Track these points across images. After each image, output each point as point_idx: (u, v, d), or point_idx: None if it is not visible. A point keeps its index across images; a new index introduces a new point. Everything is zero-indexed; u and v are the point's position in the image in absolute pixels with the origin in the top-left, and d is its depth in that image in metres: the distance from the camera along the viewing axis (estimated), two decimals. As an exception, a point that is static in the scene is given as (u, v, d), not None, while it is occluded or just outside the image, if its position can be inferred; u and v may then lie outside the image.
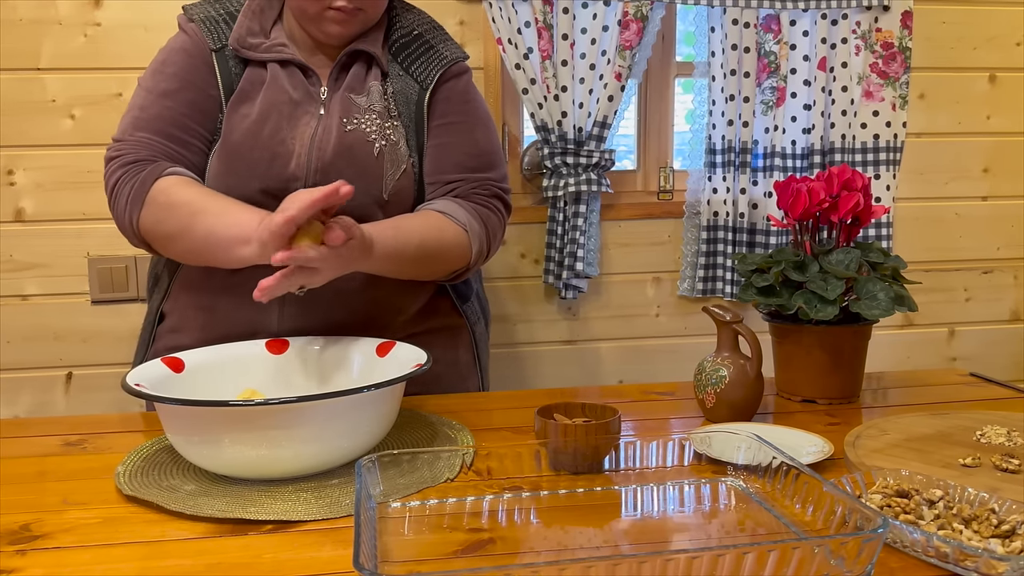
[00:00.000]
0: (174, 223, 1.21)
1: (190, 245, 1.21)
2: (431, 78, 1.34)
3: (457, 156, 1.35)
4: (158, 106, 1.28)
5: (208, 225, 1.17)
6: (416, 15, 1.40)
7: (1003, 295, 2.39)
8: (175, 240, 1.23)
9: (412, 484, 0.94)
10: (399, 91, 1.33)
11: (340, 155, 1.26)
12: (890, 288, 1.20)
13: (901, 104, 2.18)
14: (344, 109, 1.29)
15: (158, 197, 1.21)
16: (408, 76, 1.34)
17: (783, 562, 0.68)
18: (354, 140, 1.28)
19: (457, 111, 1.36)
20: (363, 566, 0.65)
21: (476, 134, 1.37)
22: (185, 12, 1.34)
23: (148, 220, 1.23)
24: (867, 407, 1.25)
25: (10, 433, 1.18)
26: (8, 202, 1.98)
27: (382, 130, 1.29)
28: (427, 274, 1.32)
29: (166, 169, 1.23)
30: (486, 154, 1.38)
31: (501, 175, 1.39)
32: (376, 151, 1.28)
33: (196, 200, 1.20)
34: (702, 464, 0.98)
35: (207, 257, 1.21)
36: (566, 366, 2.24)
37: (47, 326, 2.03)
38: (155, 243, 1.26)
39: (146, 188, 1.22)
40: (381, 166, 1.28)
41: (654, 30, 2.08)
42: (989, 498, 0.82)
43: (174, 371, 1.09)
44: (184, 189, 1.22)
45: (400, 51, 1.35)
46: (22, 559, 0.81)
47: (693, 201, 2.21)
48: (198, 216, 1.18)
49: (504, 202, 1.39)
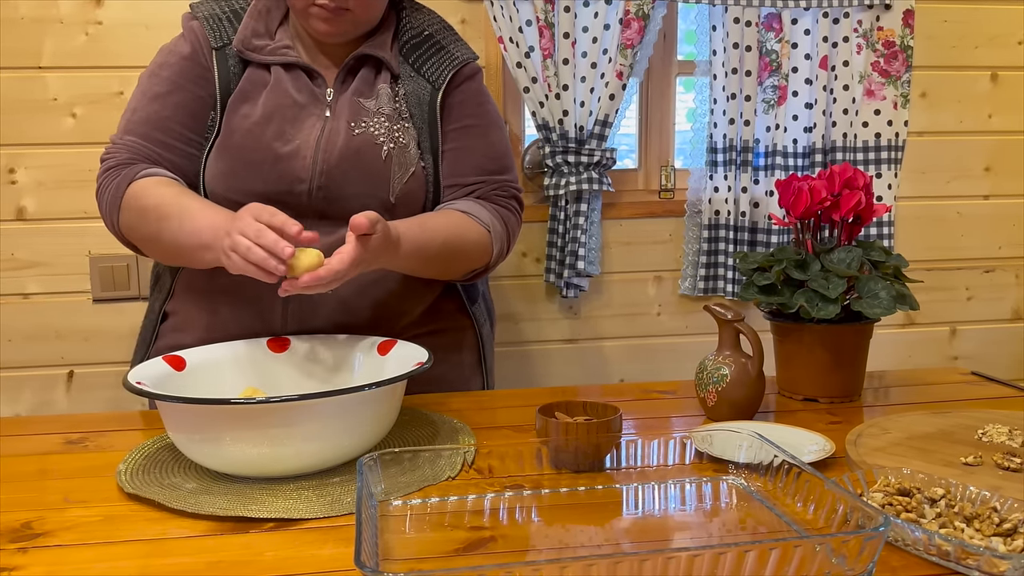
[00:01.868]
0: (146, 228, 1.23)
1: (164, 249, 1.24)
2: (443, 78, 1.33)
3: (476, 159, 1.35)
4: (147, 109, 1.29)
5: (172, 232, 1.19)
6: (426, 15, 1.40)
7: (1005, 294, 2.39)
8: (151, 243, 1.25)
9: (413, 482, 0.94)
10: (411, 92, 1.33)
11: (347, 158, 1.26)
12: (892, 287, 1.20)
13: (903, 103, 2.18)
14: (352, 112, 1.29)
15: (131, 201, 1.23)
16: (420, 77, 1.34)
17: (784, 560, 0.68)
18: (362, 143, 1.27)
19: (473, 114, 1.36)
20: (364, 564, 0.65)
21: (492, 137, 1.38)
22: (191, 9, 1.34)
23: (125, 224, 1.26)
24: (868, 406, 1.25)
25: (11, 431, 1.18)
26: (9, 201, 1.98)
27: (391, 133, 1.29)
28: (448, 273, 1.33)
29: (140, 172, 1.25)
30: (502, 157, 1.39)
31: (515, 176, 1.41)
32: (384, 154, 1.28)
33: (162, 204, 1.20)
34: (703, 463, 0.97)
35: (182, 261, 1.25)
36: (567, 365, 2.24)
37: (48, 325, 2.03)
38: (138, 245, 1.29)
39: (121, 192, 1.24)
40: (388, 169, 1.28)
41: (655, 28, 2.08)
42: (991, 497, 0.82)
43: (175, 369, 1.09)
44: (154, 190, 1.22)
45: (411, 52, 1.35)
46: (23, 557, 0.81)
47: (694, 200, 2.21)
48: (163, 222, 1.20)
49: (520, 202, 1.41)
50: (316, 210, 1.26)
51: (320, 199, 1.26)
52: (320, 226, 1.23)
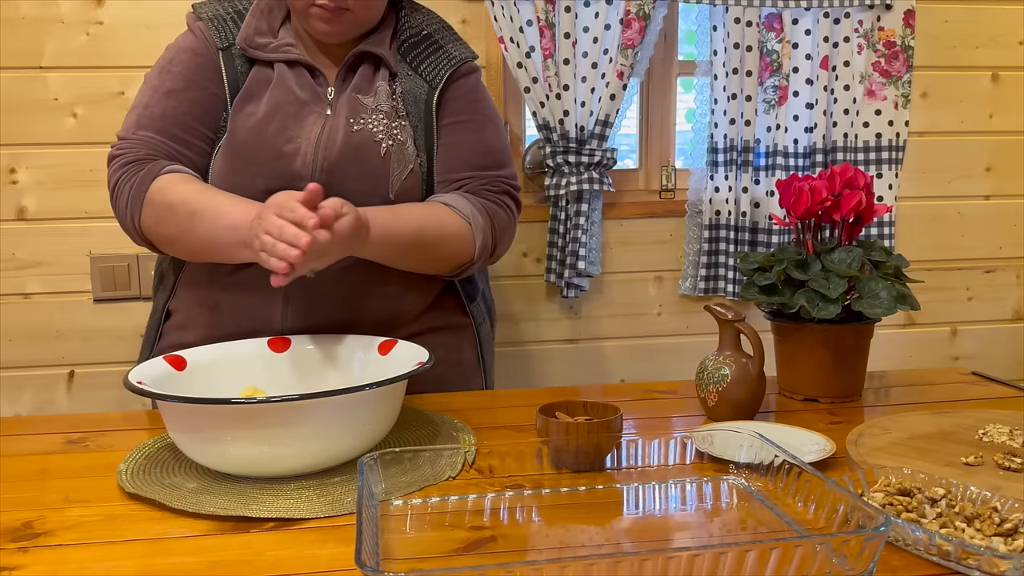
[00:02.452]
0: (173, 225, 1.22)
1: (192, 247, 1.24)
2: (440, 77, 1.34)
3: (466, 154, 1.35)
4: (162, 105, 1.28)
5: (206, 229, 1.19)
6: (425, 15, 1.40)
7: (1005, 294, 2.39)
8: (177, 242, 1.25)
9: (414, 482, 0.94)
10: (408, 91, 1.33)
11: (346, 155, 1.26)
12: (892, 287, 1.20)
13: (903, 103, 2.18)
14: (351, 109, 1.29)
15: (155, 197, 1.22)
16: (417, 76, 1.34)
17: (785, 560, 0.68)
18: (361, 140, 1.28)
19: (466, 110, 1.36)
20: (365, 563, 0.65)
21: (485, 132, 1.37)
22: (194, 10, 1.35)
23: (148, 221, 1.24)
24: (869, 406, 1.25)
25: (12, 431, 1.18)
26: (10, 200, 1.98)
27: (389, 130, 1.29)
28: (427, 264, 1.32)
29: (164, 168, 1.24)
30: (495, 152, 1.38)
31: (511, 172, 1.39)
32: (383, 151, 1.28)
33: (192, 200, 1.20)
34: (704, 462, 0.97)
35: (211, 258, 1.24)
36: (568, 365, 2.24)
37: (49, 325, 2.03)
38: (158, 243, 1.28)
39: (144, 188, 1.23)
40: (388, 166, 1.28)
41: (656, 28, 2.08)
42: (991, 496, 0.82)
43: (176, 369, 1.09)
44: (180, 187, 1.22)
45: (409, 51, 1.35)
46: (24, 556, 0.81)
47: (695, 200, 2.21)
48: (196, 218, 1.19)
49: (514, 198, 1.39)
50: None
51: None
52: None
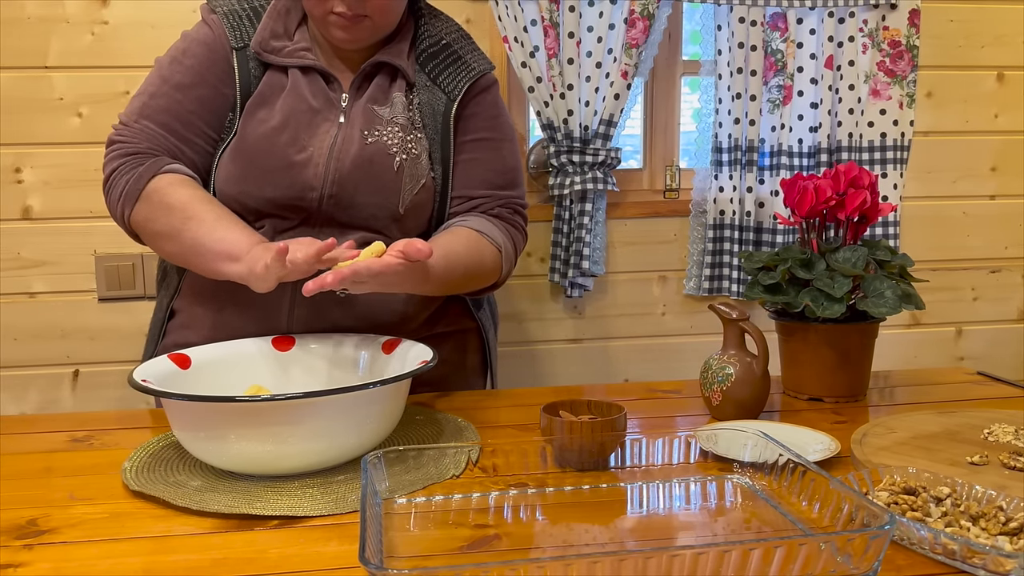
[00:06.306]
0: (165, 224, 1.21)
1: (177, 248, 1.22)
2: (459, 89, 1.32)
3: (485, 173, 1.35)
4: (168, 97, 1.27)
5: (197, 234, 1.18)
6: (444, 23, 1.38)
7: (1011, 294, 2.38)
8: (163, 240, 1.23)
9: (418, 480, 0.94)
10: (425, 102, 1.32)
11: (359, 167, 1.25)
12: (897, 286, 1.20)
13: (908, 102, 2.17)
14: (366, 120, 1.28)
15: (153, 195, 1.22)
16: (435, 87, 1.33)
17: (790, 559, 0.68)
18: (374, 152, 1.26)
19: (486, 127, 1.36)
20: (369, 561, 0.66)
21: (503, 151, 1.37)
22: (209, 3, 1.33)
23: (140, 216, 1.24)
24: (874, 405, 1.25)
25: (17, 429, 1.18)
26: (15, 200, 1.99)
27: (403, 143, 1.28)
28: (459, 292, 1.34)
29: (163, 166, 1.24)
30: (512, 171, 1.38)
31: (522, 192, 1.41)
32: (396, 165, 1.27)
33: (190, 205, 1.20)
34: (708, 461, 0.97)
35: (191, 263, 1.23)
36: (572, 364, 2.24)
37: (54, 324, 2.03)
38: (143, 237, 1.27)
39: (142, 184, 1.23)
40: (400, 180, 1.27)
41: (660, 28, 2.08)
42: (997, 496, 0.82)
43: (180, 367, 1.09)
44: (180, 190, 1.22)
45: (428, 61, 1.34)
46: (29, 553, 0.81)
47: (699, 199, 2.21)
48: (190, 222, 1.19)
49: (525, 219, 1.41)
50: (326, 217, 1.26)
51: (330, 206, 1.25)
52: (328, 232, 1.24)
